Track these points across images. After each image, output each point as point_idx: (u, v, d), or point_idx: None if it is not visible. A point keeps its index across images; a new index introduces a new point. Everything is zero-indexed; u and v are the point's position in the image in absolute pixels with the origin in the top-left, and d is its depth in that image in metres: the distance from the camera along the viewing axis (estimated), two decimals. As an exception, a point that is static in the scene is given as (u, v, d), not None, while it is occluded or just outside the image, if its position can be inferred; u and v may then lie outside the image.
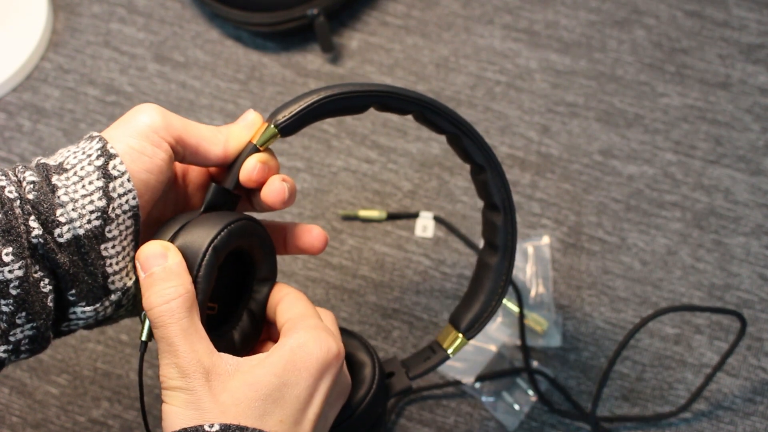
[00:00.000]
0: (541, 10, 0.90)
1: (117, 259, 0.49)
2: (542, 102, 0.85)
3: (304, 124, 0.54)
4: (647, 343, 0.74)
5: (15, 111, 0.86)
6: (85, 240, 0.47)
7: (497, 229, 0.59)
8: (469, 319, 0.59)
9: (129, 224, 0.49)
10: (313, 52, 0.88)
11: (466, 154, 0.58)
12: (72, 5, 0.91)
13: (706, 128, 0.84)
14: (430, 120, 0.56)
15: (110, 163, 0.48)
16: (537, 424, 0.71)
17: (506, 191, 0.58)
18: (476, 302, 0.59)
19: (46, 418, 0.71)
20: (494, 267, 0.59)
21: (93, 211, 0.48)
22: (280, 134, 0.53)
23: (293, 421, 0.48)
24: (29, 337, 0.47)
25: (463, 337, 0.59)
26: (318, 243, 0.56)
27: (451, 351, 0.59)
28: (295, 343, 0.49)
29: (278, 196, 0.53)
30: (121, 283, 0.50)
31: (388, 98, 0.54)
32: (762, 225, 0.79)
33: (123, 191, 0.48)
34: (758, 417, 0.71)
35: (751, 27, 0.89)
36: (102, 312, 0.50)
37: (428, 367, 0.59)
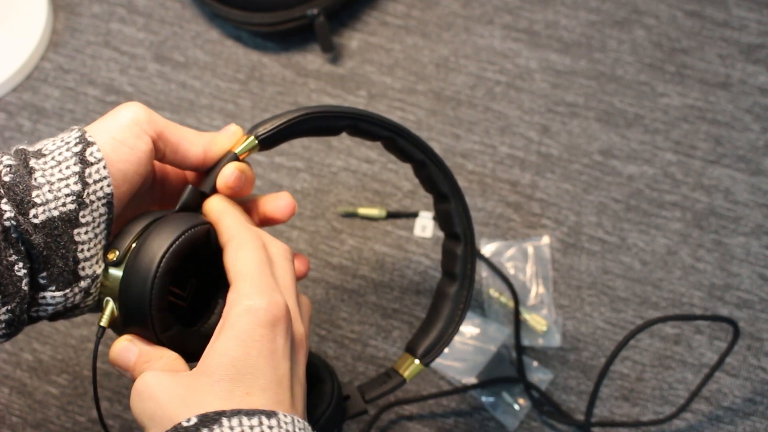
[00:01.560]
0: (541, 10, 0.90)
1: (89, 246, 0.50)
2: (542, 102, 0.85)
3: (284, 140, 0.56)
4: (647, 343, 0.74)
5: (15, 111, 0.86)
6: (59, 222, 0.48)
7: (456, 258, 0.61)
8: (425, 345, 0.60)
9: (103, 211, 0.50)
10: (313, 52, 0.88)
11: (432, 182, 0.60)
12: (72, 5, 0.91)
13: (706, 128, 0.84)
14: (400, 147, 0.58)
15: (88, 149, 0.49)
16: (537, 424, 0.71)
17: (468, 221, 0.60)
18: (433, 329, 0.60)
19: (46, 418, 0.71)
20: (452, 296, 0.61)
21: (68, 195, 0.48)
22: (260, 146, 0.55)
23: (260, 388, 0.47)
24: (5, 321, 0.48)
25: (420, 362, 0.60)
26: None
27: (406, 376, 0.60)
28: (234, 317, 0.48)
29: (287, 209, 0.56)
30: (90, 270, 0.50)
31: (362, 122, 0.56)
32: (762, 225, 0.79)
33: (98, 177, 0.49)
34: (758, 417, 0.71)
35: (751, 27, 0.89)
36: (71, 298, 0.50)
37: (383, 391, 0.60)
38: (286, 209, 0.56)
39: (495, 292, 0.76)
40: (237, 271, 0.50)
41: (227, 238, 0.52)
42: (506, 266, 0.77)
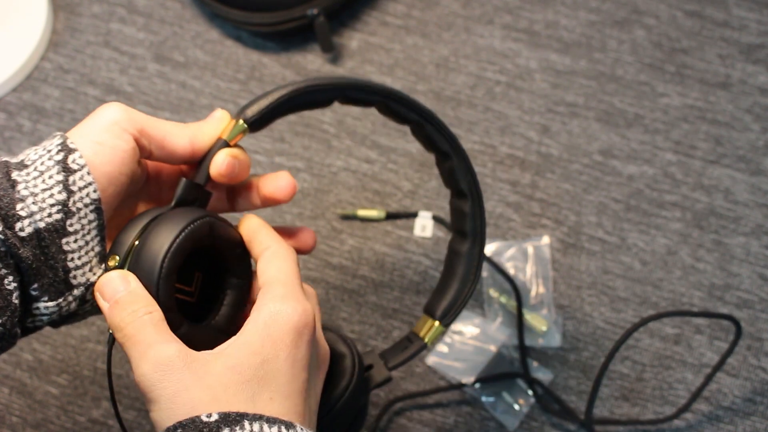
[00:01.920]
0: (541, 10, 0.90)
1: (80, 254, 0.49)
2: (542, 102, 0.85)
3: (273, 119, 0.55)
4: (647, 343, 0.74)
5: (15, 111, 0.86)
6: (45, 233, 0.47)
7: (465, 215, 0.59)
8: (443, 306, 0.59)
9: (92, 218, 0.49)
10: (313, 52, 0.88)
11: (431, 142, 0.58)
12: (72, 5, 0.91)
13: (706, 128, 0.84)
14: (394, 110, 0.57)
15: (70, 157, 0.49)
16: (537, 424, 0.71)
17: (472, 176, 0.59)
18: (450, 290, 0.59)
19: (46, 418, 0.71)
20: (465, 254, 0.59)
21: (53, 205, 0.48)
22: (250, 129, 0.54)
23: (283, 395, 0.47)
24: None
25: (439, 324, 0.59)
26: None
27: (427, 339, 0.59)
28: (267, 316, 0.48)
29: (288, 188, 0.55)
30: (83, 278, 0.50)
31: (351, 90, 0.55)
32: (762, 225, 0.79)
33: (83, 184, 0.49)
34: (758, 417, 0.71)
35: (751, 27, 0.89)
36: (66, 307, 0.50)
37: (406, 356, 0.59)
38: (287, 188, 0.56)
39: (495, 292, 0.76)
40: (271, 276, 0.51)
41: (263, 247, 0.53)
42: (506, 266, 0.77)
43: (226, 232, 0.53)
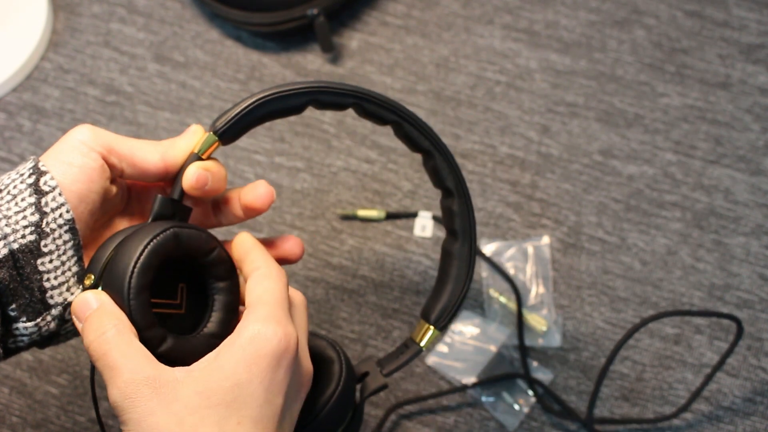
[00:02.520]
0: (541, 10, 0.90)
1: (56, 274, 0.50)
2: (542, 102, 0.85)
3: (245, 129, 0.54)
4: (647, 343, 0.74)
5: (15, 111, 0.86)
6: (20, 255, 0.48)
7: (453, 214, 0.58)
8: (438, 309, 0.58)
9: (66, 238, 0.50)
10: (313, 52, 0.88)
11: (412, 142, 0.58)
12: (72, 5, 0.91)
13: (706, 128, 0.84)
14: (370, 112, 0.56)
15: (41, 179, 0.49)
16: (537, 424, 0.71)
17: (456, 174, 0.58)
18: (444, 292, 0.59)
19: (46, 418, 0.71)
20: (456, 253, 0.58)
21: (26, 226, 0.48)
22: (220, 141, 0.54)
23: (253, 420, 0.46)
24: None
25: (434, 328, 0.58)
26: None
27: (423, 344, 0.58)
28: (245, 338, 0.48)
29: (266, 197, 0.55)
30: (60, 297, 0.50)
31: (322, 94, 0.54)
32: (762, 225, 0.79)
33: (56, 205, 0.49)
34: (758, 417, 0.71)
35: (751, 27, 0.89)
36: (45, 327, 0.50)
37: (402, 362, 0.58)
38: (266, 197, 0.55)
39: (495, 292, 0.76)
40: (257, 297, 0.50)
41: (254, 267, 0.52)
42: (506, 266, 0.77)
43: (195, 238, 0.52)
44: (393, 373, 0.58)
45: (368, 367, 0.59)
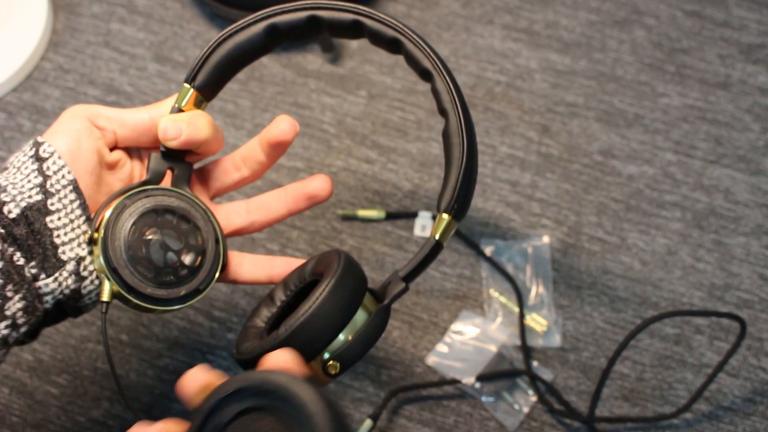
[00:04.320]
0: (541, 10, 0.90)
1: (65, 230, 0.53)
2: (542, 102, 0.85)
3: (219, 74, 0.57)
4: (647, 343, 0.74)
5: (15, 111, 0.86)
6: (29, 213, 0.52)
7: (438, 93, 0.56)
8: (446, 196, 0.55)
9: (72, 197, 0.53)
10: (313, 52, 0.88)
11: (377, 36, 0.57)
12: (72, 5, 0.91)
13: (706, 128, 0.84)
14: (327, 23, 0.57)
15: (40, 148, 0.54)
16: (537, 424, 0.71)
17: (432, 53, 0.56)
18: (449, 178, 0.55)
19: (46, 418, 0.71)
20: (450, 131, 0.56)
21: (32, 188, 0.52)
22: (199, 91, 0.56)
23: None
24: (21, 308, 0.51)
25: (449, 216, 0.54)
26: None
27: (438, 235, 0.54)
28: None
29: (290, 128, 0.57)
30: (72, 252, 0.53)
31: (278, 16, 0.56)
32: (762, 225, 0.79)
33: (56, 168, 0.53)
34: (758, 417, 0.71)
35: (751, 27, 0.89)
36: (64, 284, 0.53)
37: (419, 259, 0.54)
38: (290, 129, 0.57)
39: (495, 292, 0.76)
40: None
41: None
42: (506, 266, 0.77)
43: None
44: (413, 276, 0.54)
45: (390, 278, 0.55)
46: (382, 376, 0.73)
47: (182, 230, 0.55)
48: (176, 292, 0.55)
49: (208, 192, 0.61)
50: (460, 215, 0.55)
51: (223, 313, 0.75)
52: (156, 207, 0.55)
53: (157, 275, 0.54)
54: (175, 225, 0.55)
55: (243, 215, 0.61)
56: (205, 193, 0.61)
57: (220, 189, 0.61)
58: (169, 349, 0.74)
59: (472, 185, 0.55)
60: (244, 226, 0.61)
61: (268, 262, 0.60)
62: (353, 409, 0.72)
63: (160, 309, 0.55)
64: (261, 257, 0.61)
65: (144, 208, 0.54)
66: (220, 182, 0.61)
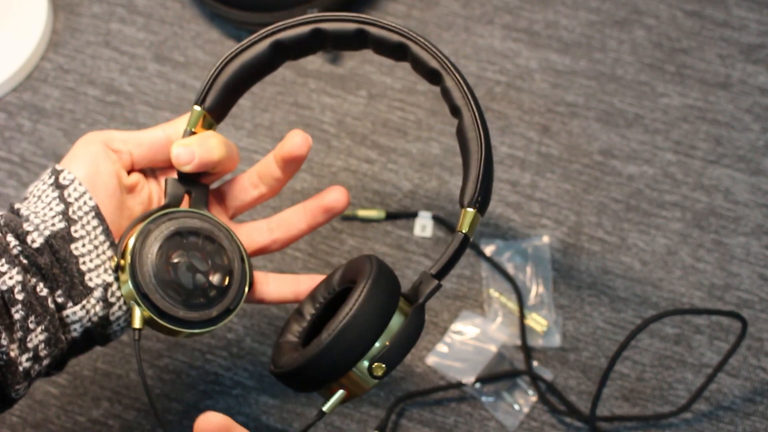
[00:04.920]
0: (541, 10, 0.90)
1: (90, 257, 0.53)
2: (542, 102, 0.85)
3: (227, 94, 0.57)
4: (647, 343, 0.74)
5: (15, 111, 0.86)
6: (53, 241, 0.52)
7: (448, 91, 0.56)
8: (468, 190, 0.55)
9: (95, 224, 0.53)
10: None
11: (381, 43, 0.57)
12: (72, 5, 0.91)
13: (706, 128, 0.84)
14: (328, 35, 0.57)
15: (60, 176, 0.54)
16: (537, 424, 0.71)
17: (437, 52, 0.56)
18: (469, 172, 0.56)
19: (46, 418, 0.71)
20: (466, 127, 0.56)
21: (54, 216, 0.53)
22: (208, 113, 0.56)
23: None
24: (44, 341, 0.51)
25: (474, 210, 0.55)
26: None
27: (465, 229, 0.54)
28: None
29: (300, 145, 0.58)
30: (99, 279, 0.53)
31: (283, 31, 0.56)
32: (762, 225, 0.79)
33: (77, 195, 0.53)
34: (758, 417, 0.71)
35: (751, 27, 0.89)
36: (92, 311, 0.53)
37: (449, 255, 0.54)
38: (303, 143, 0.58)
39: (495, 292, 0.76)
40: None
41: None
42: (506, 266, 0.77)
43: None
44: (444, 272, 0.54)
45: (420, 278, 0.55)
46: (382, 376, 0.73)
47: (208, 251, 0.55)
48: (208, 314, 0.55)
49: (227, 212, 0.61)
50: (483, 208, 0.55)
51: (223, 313, 0.75)
52: (180, 229, 0.55)
53: (188, 298, 0.54)
54: (201, 246, 0.55)
55: (265, 234, 0.61)
56: (224, 213, 0.61)
57: (240, 207, 0.61)
58: (169, 349, 0.74)
59: (492, 177, 0.56)
60: (266, 244, 0.61)
61: (294, 280, 0.61)
62: (353, 410, 0.72)
63: (192, 332, 0.54)
64: (286, 276, 0.61)
65: (168, 232, 0.54)
66: (238, 201, 0.61)
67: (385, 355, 0.51)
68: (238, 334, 0.75)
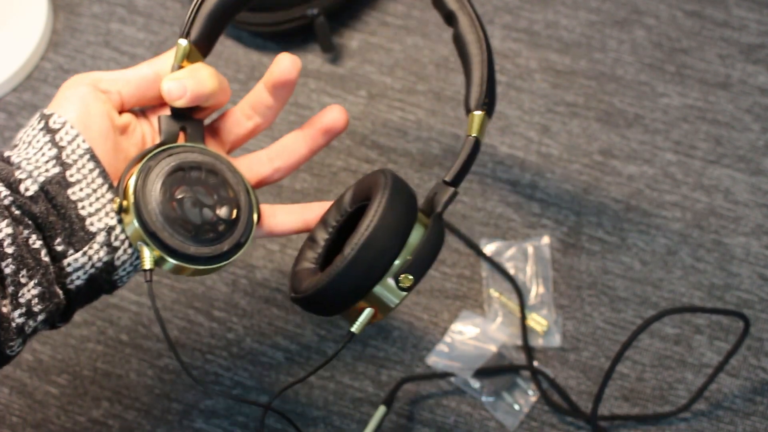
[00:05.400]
0: (541, 10, 0.90)
1: (90, 201, 0.51)
2: (542, 102, 0.85)
3: (213, 29, 0.55)
4: (647, 343, 0.74)
5: (15, 111, 0.86)
6: (49, 187, 0.50)
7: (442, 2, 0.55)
8: (473, 94, 0.54)
9: (91, 167, 0.51)
10: (313, 52, 0.88)
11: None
12: (72, 5, 0.91)
13: (706, 128, 0.84)
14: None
15: (50, 120, 0.51)
16: (537, 424, 0.71)
17: None
18: (472, 77, 0.54)
19: (46, 418, 0.71)
20: (463, 30, 0.55)
21: (47, 161, 0.50)
22: (194, 45, 0.55)
23: None
24: (37, 295, 0.49)
25: (482, 111, 0.53)
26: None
27: (475, 133, 0.53)
28: None
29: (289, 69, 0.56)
30: (101, 223, 0.51)
31: None
32: (762, 225, 0.79)
33: (70, 138, 0.51)
34: (758, 417, 0.71)
35: (751, 27, 0.89)
36: (95, 257, 0.51)
37: (462, 161, 0.53)
38: (292, 67, 0.56)
39: (495, 292, 0.76)
40: None
41: None
42: (506, 266, 0.77)
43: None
44: (459, 178, 0.53)
45: (434, 189, 0.54)
46: (382, 376, 0.73)
47: (212, 184, 0.54)
48: (219, 248, 0.53)
49: (224, 146, 0.59)
50: (491, 110, 0.54)
51: (222, 313, 0.75)
52: (182, 164, 0.53)
53: (197, 234, 0.52)
54: (204, 180, 0.53)
55: (265, 163, 0.59)
56: (220, 147, 0.59)
57: (235, 141, 0.60)
58: (169, 350, 0.74)
59: (495, 78, 0.54)
60: (268, 174, 0.59)
61: (302, 209, 0.59)
62: (353, 409, 0.72)
63: (207, 268, 0.53)
64: (293, 206, 0.59)
65: (170, 168, 0.52)
66: (233, 134, 0.59)
67: (411, 266, 0.50)
68: (238, 334, 0.75)
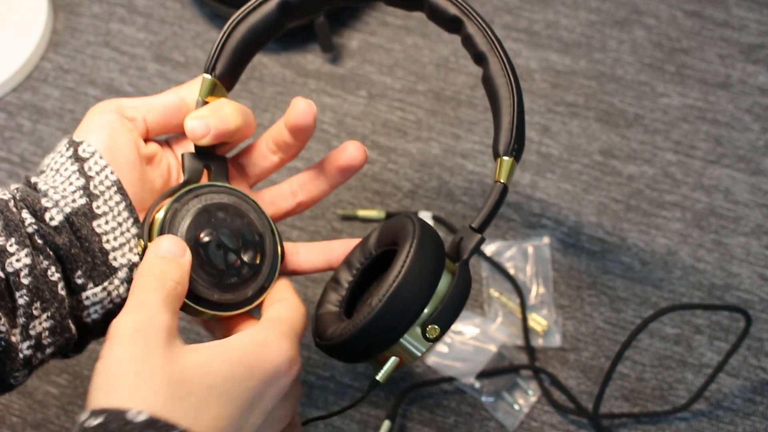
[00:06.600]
0: (541, 10, 0.90)
1: (114, 235, 0.50)
2: (542, 102, 0.85)
3: (237, 63, 0.55)
4: (647, 343, 0.74)
5: (15, 111, 0.86)
6: (74, 218, 0.49)
7: (471, 38, 0.54)
8: (502, 139, 0.53)
9: (118, 199, 0.50)
10: (313, 52, 0.88)
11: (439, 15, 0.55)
12: (72, 5, 0.91)
13: (706, 128, 0.84)
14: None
15: (79, 148, 0.50)
16: (537, 424, 0.71)
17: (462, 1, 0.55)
18: (501, 121, 0.53)
19: (46, 418, 0.71)
20: (493, 73, 0.54)
21: (74, 191, 0.49)
22: (219, 80, 0.54)
23: (229, 421, 0.44)
24: (48, 329, 0.48)
25: (510, 158, 0.53)
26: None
27: (503, 178, 0.53)
28: (258, 338, 0.47)
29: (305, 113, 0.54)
30: (124, 259, 0.50)
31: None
32: (762, 225, 0.79)
33: (98, 168, 0.50)
34: (758, 417, 0.71)
35: (751, 27, 0.89)
36: (114, 293, 0.50)
37: (490, 207, 0.52)
38: (307, 111, 0.54)
39: (495, 292, 0.76)
40: (282, 315, 0.50)
41: (281, 297, 0.52)
42: (506, 266, 0.77)
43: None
44: (486, 224, 0.52)
45: (460, 234, 0.53)
46: (382, 376, 0.73)
47: (237, 227, 0.52)
48: (243, 294, 0.52)
49: (249, 180, 0.59)
50: (519, 155, 0.54)
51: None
52: (207, 206, 0.52)
53: (221, 279, 0.51)
54: (230, 223, 0.52)
55: (289, 198, 0.58)
56: (245, 181, 0.58)
57: (260, 175, 0.59)
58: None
59: (524, 123, 0.54)
60: (291, 208, 0.59)
61: (325, 248, 0.58)
62: (353, 410, 0.72)
63: (229, 315, 0.52)
64: (316, 244, 0.58)
65: (196, 210, 0.51)
66: (259, 168, 0.58)
67: (438, 316, 0.50)
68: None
